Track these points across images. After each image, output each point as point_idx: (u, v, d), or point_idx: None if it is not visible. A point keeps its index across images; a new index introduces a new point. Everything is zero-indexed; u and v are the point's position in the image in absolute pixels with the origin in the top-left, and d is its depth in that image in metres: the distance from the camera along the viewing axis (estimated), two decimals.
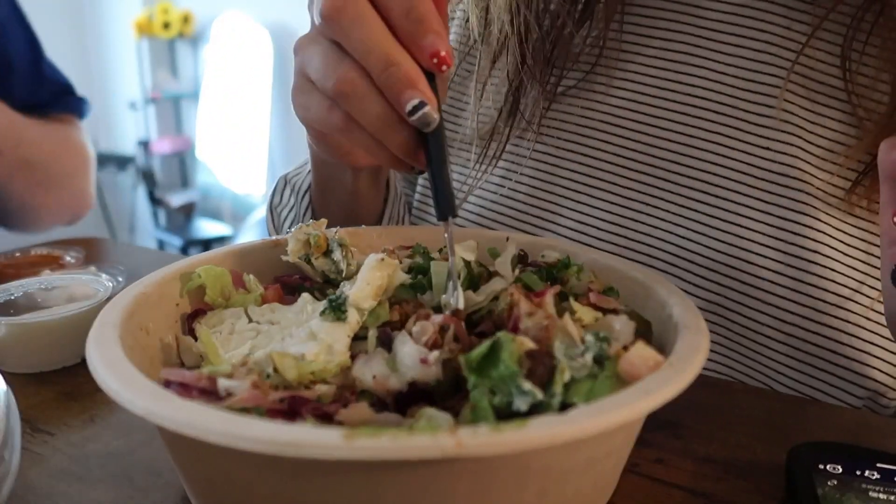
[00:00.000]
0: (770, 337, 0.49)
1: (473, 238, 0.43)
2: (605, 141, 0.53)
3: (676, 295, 0.34)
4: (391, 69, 0.35)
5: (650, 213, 0.52)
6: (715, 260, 0.49)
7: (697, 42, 0.51)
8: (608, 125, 0.53)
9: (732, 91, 0.49)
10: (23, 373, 0.45)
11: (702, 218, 0.50)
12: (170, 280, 0.38)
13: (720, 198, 0.49)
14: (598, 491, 0.31)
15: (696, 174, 0.50)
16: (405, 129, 0.37)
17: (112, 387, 0.26)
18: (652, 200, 0.52)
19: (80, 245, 0.68)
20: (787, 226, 0.47)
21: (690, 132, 0.50)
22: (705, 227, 0.50)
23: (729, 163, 0.49)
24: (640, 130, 0.52)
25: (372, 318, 0.34)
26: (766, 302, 0.48)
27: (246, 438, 0.22)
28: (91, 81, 4.03)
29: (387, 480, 0.24)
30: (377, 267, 0.35)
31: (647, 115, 0.52)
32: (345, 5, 0.36)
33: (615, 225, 0.53)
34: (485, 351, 0.27)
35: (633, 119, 0.52)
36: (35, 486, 0.34)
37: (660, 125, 0.51)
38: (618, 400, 0.25)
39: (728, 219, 0.49)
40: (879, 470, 0.32)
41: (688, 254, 0.50)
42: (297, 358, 0.31)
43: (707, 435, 0.38)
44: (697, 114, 0.50)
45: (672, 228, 0.51)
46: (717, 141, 0.49)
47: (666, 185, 0.51)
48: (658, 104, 0.52)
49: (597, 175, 0.54)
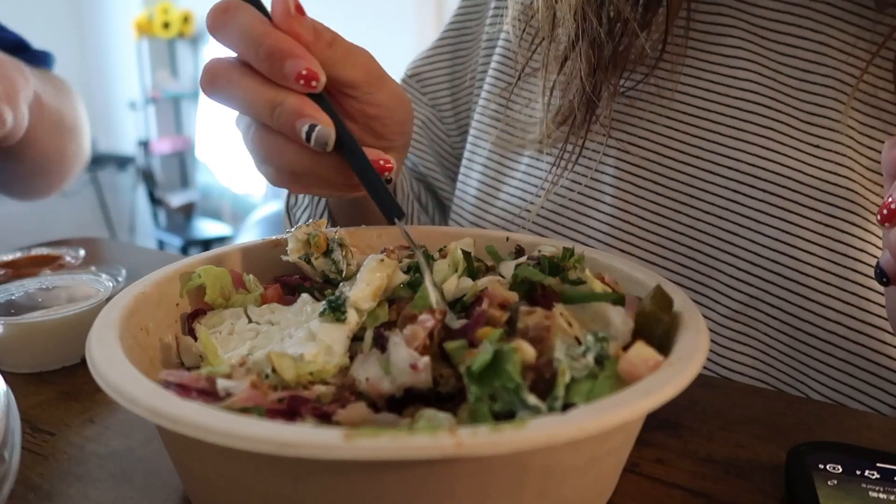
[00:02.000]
0: (810, 334, 0.48)
1: (471, 237, 0.43)
2: (662, 143, 0.53)
3: (678, 295, 0.34)
4: (276, 111, 0.38)
5: (696, 207, 0.51)
6: (760, 255, 0.49)
7: (752, 39, 0.51)
8: (666, 127, 0.53)
9: (786, 90, 0.49)
10: (23, 373, 0.45)
11: (747, 212, 0.49)
12: (170, 280, 0.38)
13: (768, 192, 0.49)
14: (598, 491, 0.31)
15: (743, 168, 0.50)
16: (326, 157, 0.40)
17: (112, 387, 0.26)
18: (698, 193, 0.51)
19: (80, 245, 0.68)
20: (834, 222, 0.47)
21: (740, 126, 0.50)
22: (750, 222, 0.49)
23: (779, 159, 0.49)
24: (691, 130, 0.52)
25: (371, 319, 0.34)
26: (809, 298, 0.47)
27: (246, 438, 0.22)
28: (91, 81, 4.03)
29: (386, 480, 0.24)
30: (377, 268, 0.35)
31: (699, 115, 0.52)
32: (214, 78, 0.39)
33: (660, 217, 0.53)
34: (487, 361, 0.27)
35: (686, 120, 0.52)
36: (35, 486, 0.34)
37: (709, 126, 0.51)
38: (618, 400, 0.25)
39: (776, 214, 0.48)
40: (879, 470, 0.32)
41: (732, 248, 0.50)
42: (295, 358, 0.31)
43: (707, 435, 0.38)
44: (749, 108, 0.50)
45: (717, 222, 0.50)
46: (768, 139, 0.49)
47: (713, 179, 0.51)
48: (711, 100, 0.51)
49: (642, 174, 0.54)
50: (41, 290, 0.50)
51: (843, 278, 0.47)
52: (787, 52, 0.50)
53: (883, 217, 0.34)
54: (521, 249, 0.43)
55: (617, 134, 0.55)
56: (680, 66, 0.53)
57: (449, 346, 0.29)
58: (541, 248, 0.41)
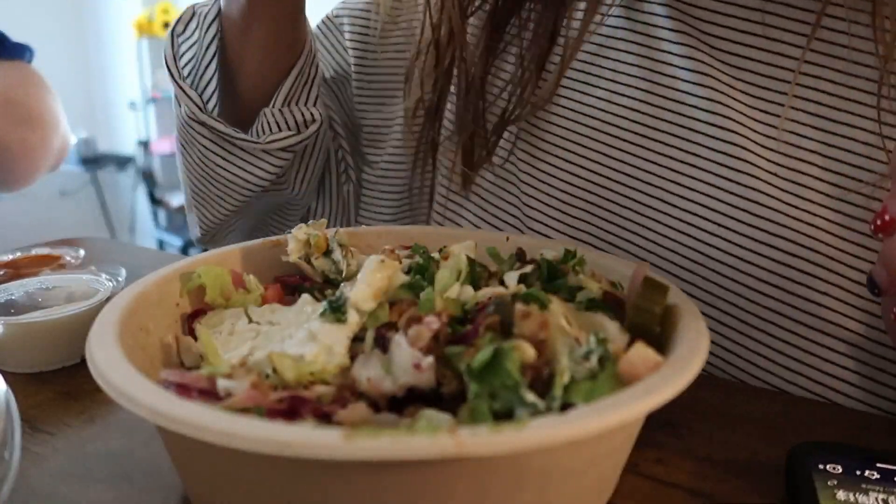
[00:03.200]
0: (827, 320, 0.46)
1: (472, 239, 0.43)
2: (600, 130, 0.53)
3: (678, 295, 0.34)
4: None
5: (672, 203, 0.50)
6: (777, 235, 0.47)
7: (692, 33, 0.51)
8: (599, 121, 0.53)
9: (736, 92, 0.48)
10: (23, 373, 0.45)
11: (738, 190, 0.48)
12: (170, 280, 0.38)
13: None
14: (597, 491, 0.31)
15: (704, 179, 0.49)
16: None
17: (112, 387, 0.26)
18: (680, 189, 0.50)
19: (80, 245, 0.68)
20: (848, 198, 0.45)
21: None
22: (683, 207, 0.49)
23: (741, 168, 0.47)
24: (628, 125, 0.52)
25: (372, 320, 0.34)
26: (827, 281, 0.45)
27: (246, 438, 0.22)
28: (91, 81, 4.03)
29: (386, 480, 0.24)
30: (377, 268, 0.35)
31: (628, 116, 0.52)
32: None
33: (627, 220, 0.52)
34: (487, 359, 0.27)
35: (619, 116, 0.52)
36: (35, 486, 0.34)
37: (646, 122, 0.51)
38: (618, 400, 0.25)
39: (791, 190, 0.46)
40: (879, 470, 0.32)
41: (733, 235, 0.49)
42: (295, 359, 0.31)
43: (707, 435, 0.38)
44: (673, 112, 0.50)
45: (700, 211, 0.49)
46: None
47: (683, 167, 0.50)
48: (639, 102, 0.52)
49: (614, 160, 0.53)
50: (41, 290, 0.50)
51: (761, 243, 0.46)
52: (742, 54, 0.49)
53: (877, 227, 0.33)
54: (523, 253, 0.43)
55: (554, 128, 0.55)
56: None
57: (449, 350, 0.29)
58: (542, 252, 0.41)
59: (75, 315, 0.46)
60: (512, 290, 0.36)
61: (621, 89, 0.53)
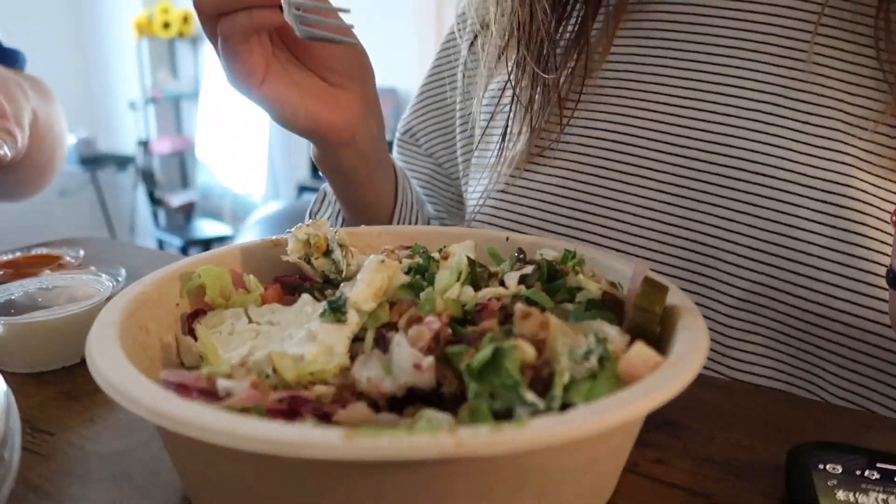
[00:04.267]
0: (820, 315, 0.47)
1: (472, 238, 0.43)
2: (635, 133, 0.54)
3: (677, 295, 0.34)
4: None
5: (689, 197, 0.51)
6: (760, 239, 0.48)
7: (729, 24, 0.51)
8: (649, 120, 0.53)
9: (767, 68, 0.49)
10: (23, 373, 0.45)
11: (743, 197, 0.49)
12: (170, 280, 0.38)
13: (762, 174, 0.48)
14: (597, 491, 0.31)
15: (735, 153, 0.49)
16: None
17: (112, 387, 0.26)
18: (690, 183, 0.51)
19: (80, 245, 0.68)
20: (829, 209, 0.46)
21: (729, 112, 0.50)
22: (748, 206, 0.48)
23: (769, 140, 0.48)
24: (677, 120, 0.52)
25: (372, 320, 0.34)
26: (813, 278, 0.46)
27: (246, 438, 0.22)
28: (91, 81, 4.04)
29: (386, 480, 0.24)
30: (377, 268, 0.35)
31: (686, 105, 0.52)
32: None
33: (652, 211, 0.53)
34: (487, 358, 0.27)
35: (670, 111, 0.53)
36: (35, 486, 0.34)
37: (697, 115, 0.51)
38: (618, 400, 0.25)
39: (773, 196, 0.48)
40: (879, 470, 0.32)
41: (731, 235, 0.49)
42: (295, 359, 0.31)
43: (707, 435, 0.38)
44: (738, 94, 0.50)
45: (713, 210, 0.50)
46: (756, 122, 0.49)
47: (705, 168, 0.50)
48: (699, 88, 0.52)
49: (628, 165, 0.54)
50: (41, 290, 0.50)
51: (847, 255, 0.46)
52: (767, 32, 0.50)
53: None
54: (523, 252, 0.43)
55: (597, 124, 0.56)
56: (640, 65, 0.54)
57: (451, 349, 0.29)
58: (542, 252, 0.41)
59: (75, 315, 0.46)
60: (512, 290, 0.36)
61: None
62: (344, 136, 0.54)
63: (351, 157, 0.56)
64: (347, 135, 0.54)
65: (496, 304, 0.34)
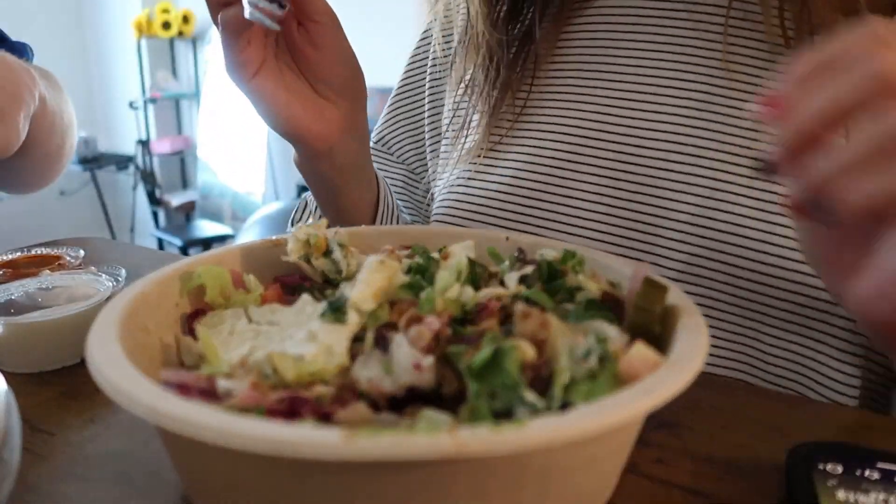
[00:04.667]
0: (754, 281, 0.50)
1: (472, 238, 0.43)
2: (580, 125, 0.59)
3: (678, 295, 0.34)
4: None
5: (630, 181, 0.56)
6: (695, 214, 0.52)
7: (661, 23, 0.57)
8: (583, 110, 0.59)
9: (693, 63, 0.55)
10: (23, 373, 0.45)
11: (679, 177, 0.53)
12: (170, 280, 0.38)
13: (693, 155, 0.53)
14: (597, 491, 0.31)
15: (669, 138, 0.54)
16: None
17: (112, 387, 0.26)
18: (630, 168, 0.56)
19: (80, 245, 0.68)
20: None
21: (661, 100, 0.55)
22: (684, 185, 0.53)
23: (699, 124, 0.53)
24: (612, 111, 0.58)
25: (372, 320, 0.34)
26: (745, 247, 0.50)
27: (245, 438, 0.22)
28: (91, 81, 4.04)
29: (386, 480, 0.24)
30: (377, 269, 0.35)
31: (619, 94, 0.57)
32: None
33: (598, 195, 0.57)
34: (487, 358, 0.27)
35: (606, 101, 0.58)
36: (35, 486, 0.34)
37: (629, 104, 0.57)
38: (618, 400, 0.25)
39: (704, 174, 0.52)
40: (879, 470, 0.32)
41: (671, 213, 0.54)
42: (295, 359, 0.31)
43: (707, 435, 0.38)
44: (666, 84, 0.56)
45: (651, 191, 0.54)
46: (687, 106, 0.54)
47: (642, 153, 0.55)
48: (627, 80, 0.57)
49: (575, 154, 0.58)
50: (41, 290, 0.50)
51: (773, 224, 0.49)
52: (691, 35, 0.56)
53: (769, 112, 0.33)
54: (523, 253, 0.43)
55: (547, 118, 0.61)
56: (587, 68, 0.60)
57: (452, 349, 0.29)
58: (542, 252, 0.41)
59: (75, 315, 0.46)
60: (512, 290, 0.36)
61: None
62: (320, 146, 0.57)
63: (326, 168, 0.59)
64: (324, 145, 0.57)
65: (496, 304, 0.34)
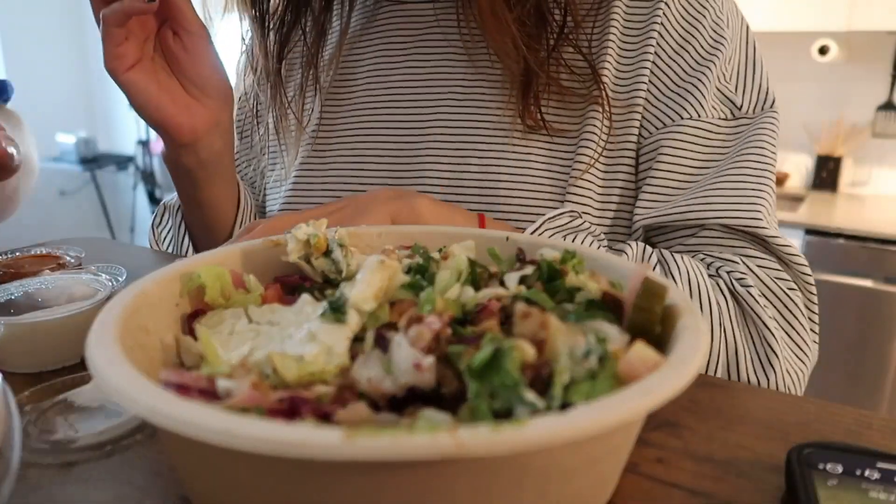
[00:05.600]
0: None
1: (472, 238, 0.43)
2: (377, 117, 0.72)
3: (678, 295, 0.34)
4: None
5: (418, 153, 0.69)
6: (459, 171, 0.67)
7: (431, 23, 0.71)
8: (379, 104, 0.72)
9: (453, 63, 0.69)
10: (23, 373, 0.45)
11: (448, 145, 0.67)
12: (170, 280, 0.38)
13: (457, 128, 0.68)
14: (598, 491, 0.31)
15: (440, 118, 0.69)
16: None
17: (112, 387, 0.26)
18: (415, 144, 0.69)
19: (80, 245, 0.68)
20: (497, 133, 0.66)
21: (433, 91, 0.70)
22: (450, 149, 0.68)
23: (459, 110, 0.68)
24: (400, 102, 0.71)
25: (372, 320, 0.34)
26: (497, 194, 0.65)
27: (245, 438, 0.22)
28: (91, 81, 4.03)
29: (386, 480, 0.24)
30: (377, 269, 0.35)
31: (402, 88, 0.72)
32: None
33: (393, 171, 0.70)
34: (487, 358, 0.27)
35: (393, 94, 0.72)
36: (35, 486, 0.34)
37: (411, 95, 0.71)
38: (618, 400, 0.25)
39: (464, 141, 0.67)
40: (879, 470, 0.32)
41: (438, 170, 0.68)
42: (295, 359, 0.31)
43: (707, 435, 0.38)
44: (438, 77, 0.70)
45: (438, 165, 0.68)
46: (449, 94, 0.69)
47: (424, 132, 0.69)
48: (409, 76, 0.71)
49: (376, 141, 0.72)
50: (41, 290, 0.50)
51: (521, 168, 0.65)
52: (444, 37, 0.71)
53: None
54: (523, 253, 0.43)
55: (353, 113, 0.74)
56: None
57: (452, 349, 0.29)
58: (542, 252, 0.41)
59: (75, 315, 0.46)
60: (512, 291, 0.36)
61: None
62: (185, 138, 0.65)
63: (191, 160, 0.68)
64: (189, 137, 0.65)
65: (496, 304, 0.34)
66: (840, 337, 2.25)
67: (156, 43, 0.64)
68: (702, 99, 0.62)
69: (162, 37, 0.64)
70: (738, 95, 0.64)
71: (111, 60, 0.60)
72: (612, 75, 0.64)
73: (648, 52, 0.63)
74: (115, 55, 0.60)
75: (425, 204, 0.57)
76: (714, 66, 0.62)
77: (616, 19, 0.65)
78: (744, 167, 0.61)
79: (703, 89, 0.62)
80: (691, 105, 0.62)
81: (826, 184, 2.72)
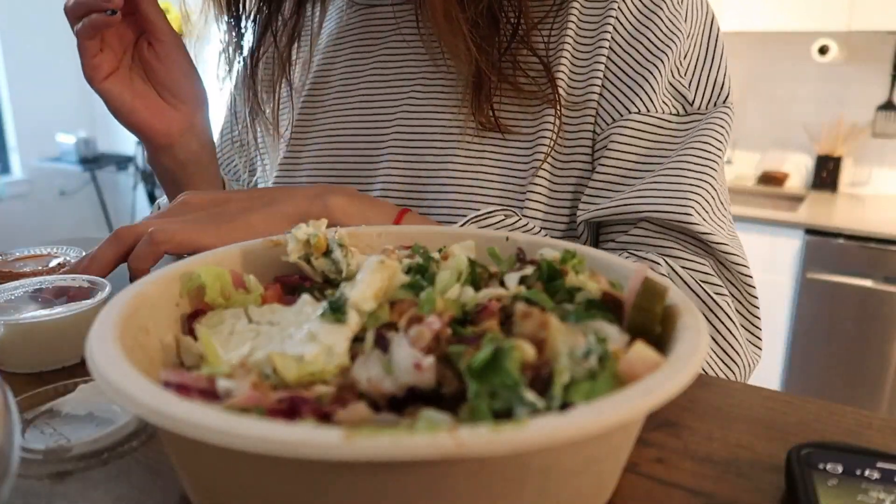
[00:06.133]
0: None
1: (472, 238, 0.43)
2: (354, 113, 0.74)
3: (676, 293, 0.34)
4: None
5: (387, 145, 0.70)
6: (417, 163, 0.69)
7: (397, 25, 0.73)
8: (355, 101, 0.74)
9: (419, 62, 0.71)
10: (23, 373, 0.45)
11: (411, 138, 0.69)
12: (170, 280, 0.38)
13: (419, 121, 0.69)
14: (598, 491, 0.31)
15: (407, 112, 0.70)
16: None
17: (112, 387, 0.26)
18: (381, 137, 0.71)
19: (80, 245, 0.68)
20: (454, 126, 0.67)
21: (400, 88, 0.72)
22: (411, 141, 0.69)
23: (424, 106, 0.69)
24: (372, 99, 0.73)
25: (372, 320, 0.34)
26: (455, 187, 0.66)
27: (246, 438, 0.22)
28: None
29: (386, 480, 0.24)
30: (377, 269, 0.35)
31: (374, 84, 0.74)
32: None
33: (372, 161, 0.72)
34: (487, 358, 0.27)
35: (366, 92, 0.74)
36: (35, 486, 0.34)
37: (383, 93, 0.73)
38: (618, 400, 0.25)
39: (424, 132, 0.69)
40: (879, 470, 0.32)
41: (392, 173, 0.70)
42: (295, 359, 0.31)
43: (707, 435, 0.38)
44: (405, 76, 0.72)
45: (400, 154, 0.69)
46: (414, 89, 0.71)
47: (390, 124, 0.71)
48: (379, 75, 0.73)
49: (352, 133, 0.74)
50: (41, 290, 0.50)
51: (475, 160, 0.66)
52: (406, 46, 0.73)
53: None
54: (523, 253, 0.43)
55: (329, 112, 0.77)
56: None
57: (452, 349, 0.29)
58: (542, 252, 0.41)
59: (75, 315, 0.46)
60: (512, 291, 0.36)
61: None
62: (161, 141, 0.71)
63: (169, 161, 0.73)
64: (165, 140, 0.71)
65: (496, 304, 0.34)
66: (840, 337, 2.25)
67: (134, 53, 0.70)
68: (651, 93, 0.61)
69: (138, 47, 0.70)
70: (691, 91, 0.62)
71: (88, 70, 0.67)
72: (567, 74, 0.64)
73: (602, 47, 0.62)
74: (91, 66, 0.66)
75: (338, 202, 0.57)
76: (667, 60, 0.61)
77: (572, 19, 0.64)
78: (684, 162, 0.59)
79: (654, 83, 0.61)
80: (640, 99, 0.61)
81: (826, 184, 2.73)
